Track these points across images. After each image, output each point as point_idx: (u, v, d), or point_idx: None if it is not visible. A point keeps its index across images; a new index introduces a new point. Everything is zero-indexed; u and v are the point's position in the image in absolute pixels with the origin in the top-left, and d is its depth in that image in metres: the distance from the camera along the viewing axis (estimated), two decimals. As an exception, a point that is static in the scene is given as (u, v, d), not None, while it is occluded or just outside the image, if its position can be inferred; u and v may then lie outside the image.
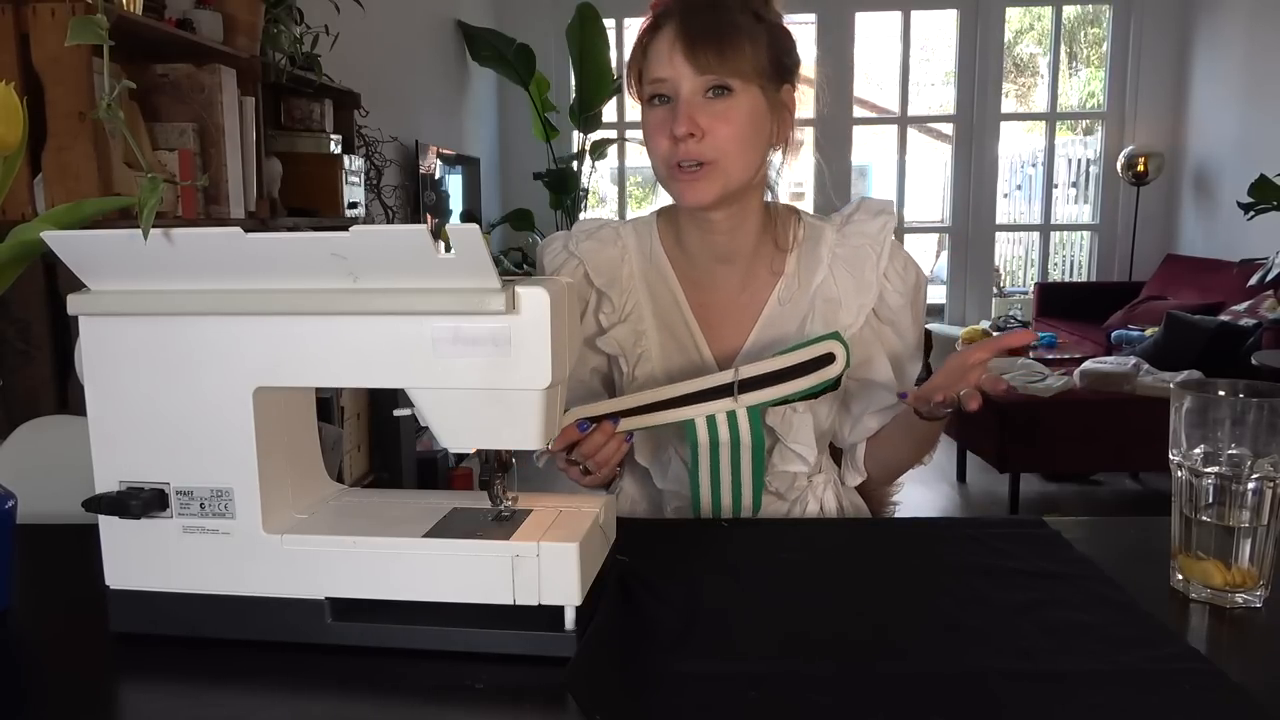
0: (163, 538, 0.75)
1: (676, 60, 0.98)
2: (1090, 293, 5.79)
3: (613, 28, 5.43)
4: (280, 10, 2.66)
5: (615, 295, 1.11)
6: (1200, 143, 5.64)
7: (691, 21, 0.98)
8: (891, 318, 1.12)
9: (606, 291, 1.11)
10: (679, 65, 0.98)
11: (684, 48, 0.97)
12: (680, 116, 0.97)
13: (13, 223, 0.81)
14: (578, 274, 1.11)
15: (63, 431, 1.25)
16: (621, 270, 1.12)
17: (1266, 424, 0.77)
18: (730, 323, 1.12)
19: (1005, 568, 0.88)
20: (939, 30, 7.34)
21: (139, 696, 0.72)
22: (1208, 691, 0.66)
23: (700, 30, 0.97)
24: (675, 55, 0.98)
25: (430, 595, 0.73)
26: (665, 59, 0.98)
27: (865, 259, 1.09)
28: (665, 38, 0.99)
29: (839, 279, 1.10)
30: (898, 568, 0.90)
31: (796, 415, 1.09)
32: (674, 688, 0.67)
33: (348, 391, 2.47)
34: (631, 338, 1.11)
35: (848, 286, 1.09)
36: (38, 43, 1.79)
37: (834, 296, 1.09)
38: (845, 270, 1.10)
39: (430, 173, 4.33)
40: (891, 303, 1.11)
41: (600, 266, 1.12)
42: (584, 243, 1.12)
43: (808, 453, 1.11)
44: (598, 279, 1.11)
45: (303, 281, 0.70)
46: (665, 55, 0.98)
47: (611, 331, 1.10)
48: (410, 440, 2.80)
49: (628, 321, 1.11)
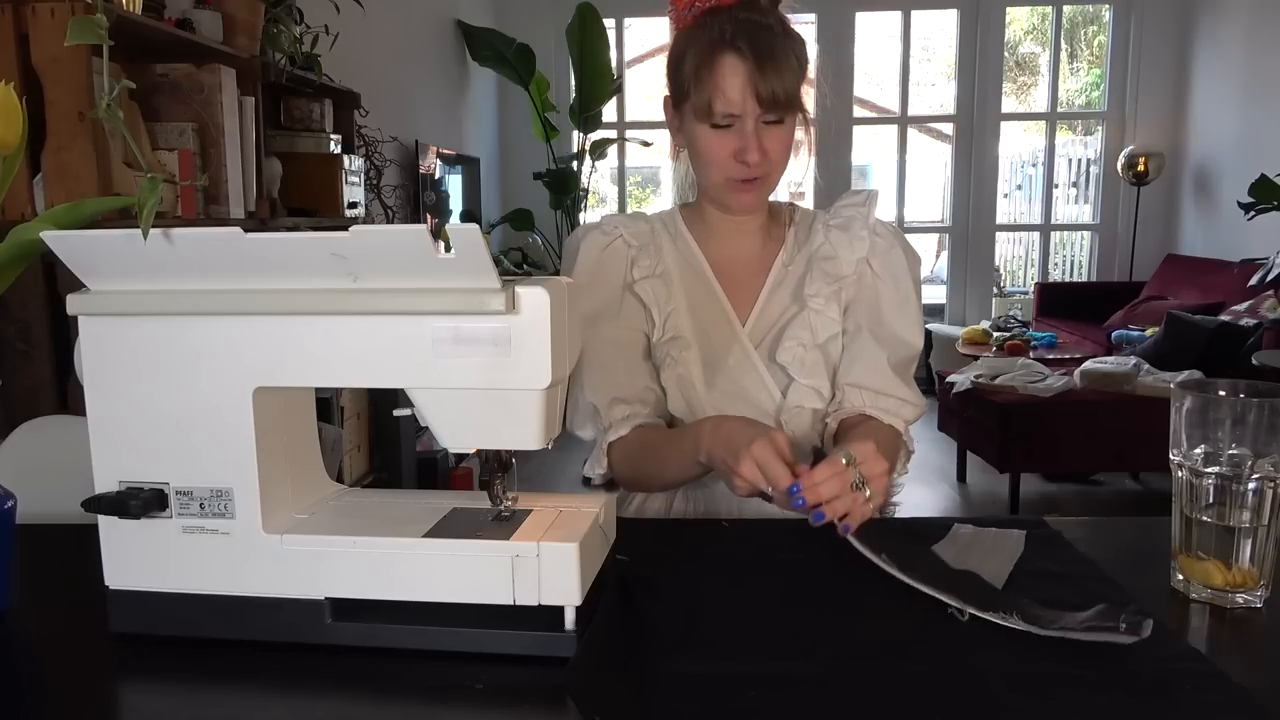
0: (162, 538, 0.75)
1: (749, 98, 1.07)
2: (1090, 293, 5.79)
3: (613, 28, 5.42)
4: (280, 10, 2.66)
5: (649, 256, 1.22)
6: (1200, 143, 5.64)
7: (760, 59, 1.06)
8: (885, 269, 1.21)
9: (642, 250, 1.22)
10: (749, 101, 1.08)
11: (756, 85, 1.07)
12: (751, 146, 1.09)
13: (13, 223, 0.81)
14: (618, 243, 1.22)
15: (63, 431, 1.25)
16: (651, 241, 1.24)
17: (1267, 424, 0.77)
18: (745, 284, 1.24)
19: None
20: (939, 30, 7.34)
21: (139, 696, 0.72)
22: (1209, 692, 0.66)
23: (768, 67, 1.06)
24: (748, 94, 1.07)
25: (430, 595, 0.73)
26: (738, 95, 1.07)
27: (854, 220, 1.22)
28: (734, 70, 1.07)
29: (834, 240, 1.22)
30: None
31: (808, 352, 1.17)
32: (674, 688, 0.67)
33: (348, 391, 2.47)
34: (664, 291, 1.21)
35: (841, 242, 1.21)
36: (37, 43, 1.78)
37: (830, 254, 1.21)
38: (838, 232, 1.22)
39: (430, 173, 4.33)
40: (881, 253, 1.21)
41: (635, 234, 1.24)
42: (616, 219, 1.25)
43: (823, 387, 1.18)
44: (634, 242, 1.23)
45: (303, 281, 0.70)
46: (738, 90, 1.07)
47: (646, 281, 1.21)
48: (410, 440, 2.79)
49: (659, 277, 1.22)
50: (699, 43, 1.09)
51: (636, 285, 1.20)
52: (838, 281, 1.19)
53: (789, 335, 1.18)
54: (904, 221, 6.38)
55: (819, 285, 1.19)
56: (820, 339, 1.17)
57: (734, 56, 1.07)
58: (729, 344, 1.20)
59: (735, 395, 1.19)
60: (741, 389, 1.19)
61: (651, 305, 1.20)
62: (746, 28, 1.07)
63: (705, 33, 1.09)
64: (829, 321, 1.18)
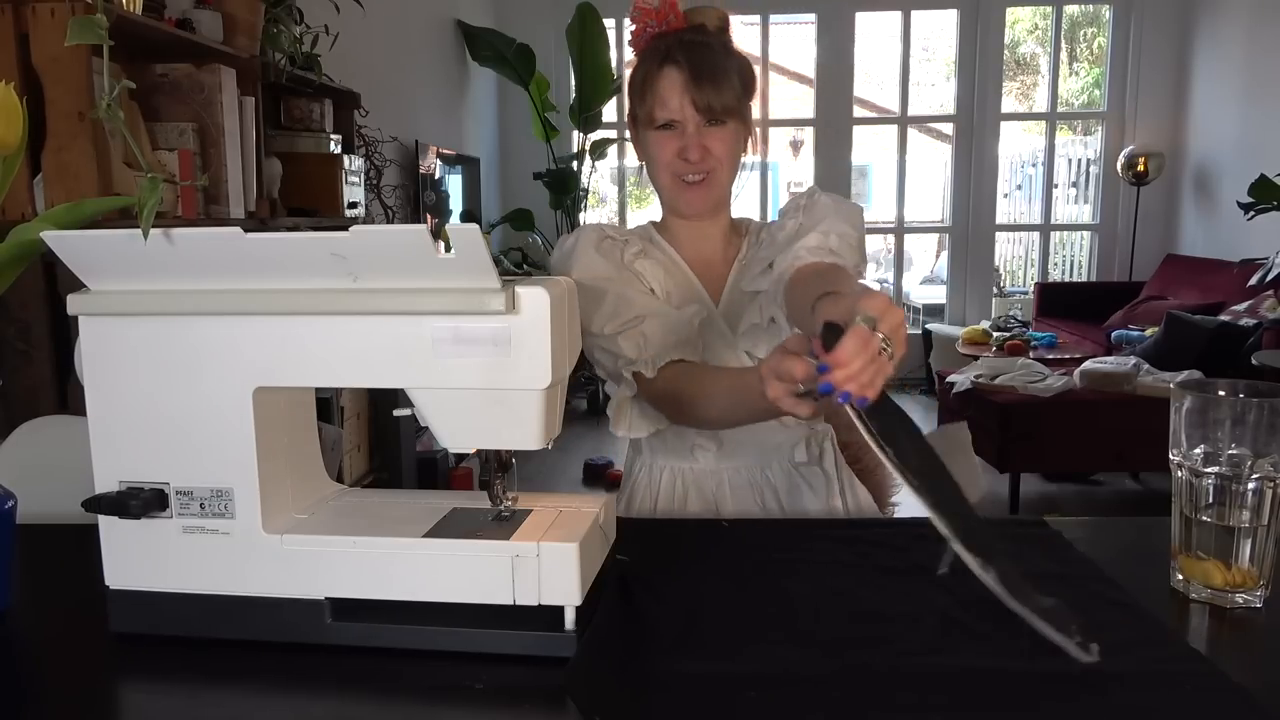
0: (163, 538, 0.75)
1: (686, 105, 1.18)
2: (1090, 293, 5.79)
3: (612, 28, 5.42)
4: (280, 10, 2.66)
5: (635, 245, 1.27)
6: (1200, 143, 5.64)
7: (698, 72, 1.17)
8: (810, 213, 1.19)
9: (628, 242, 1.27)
10: (688, 109, 1.18)
11: (692, 95, 1.17)
12: (692, 145, 1.19)
13: (13, 223, 0.81)
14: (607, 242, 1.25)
15: (63, 431, 1.25)
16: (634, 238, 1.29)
17: (1266, 424, 0.77)
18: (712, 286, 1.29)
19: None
20: (939, 30, 7.34)
21: (139, 696, 0.72)
22: (1208, 692, 0.66)
23: (705, 80, 1.17)
24: (685, 102, 1.18)
25: (430, 595, 0.73)
26: (676, 102, 1.18)
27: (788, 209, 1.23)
28: (673, 81, 1.18)
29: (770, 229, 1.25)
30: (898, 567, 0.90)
31: (763, 331, 1.19)
32: (674, 688, 0.67)
33: (348, 391, 2.47)
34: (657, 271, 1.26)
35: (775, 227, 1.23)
36: (37, 42, 1.78)
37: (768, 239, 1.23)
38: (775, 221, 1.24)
39: (430, 173, 4.33)
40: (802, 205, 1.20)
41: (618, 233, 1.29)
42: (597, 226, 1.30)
43: None
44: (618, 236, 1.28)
45: (303, 281, 0.70)
46: (676, 99, 1.18)
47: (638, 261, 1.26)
48: (410, 440, 2.80)
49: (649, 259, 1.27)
50: (647, 61, 1.21)
51: (634, 263, 1.25)
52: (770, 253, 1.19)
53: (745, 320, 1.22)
54: (904, 221, 6.38)
55: (754, 269, 1.22)
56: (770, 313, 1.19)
57: (673, 69, 1.17)
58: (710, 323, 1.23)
59: None
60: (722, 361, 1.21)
61: (650, 279, 1.25)
62: (687, 46, 1.18)
63: (653, 52, 1.20)
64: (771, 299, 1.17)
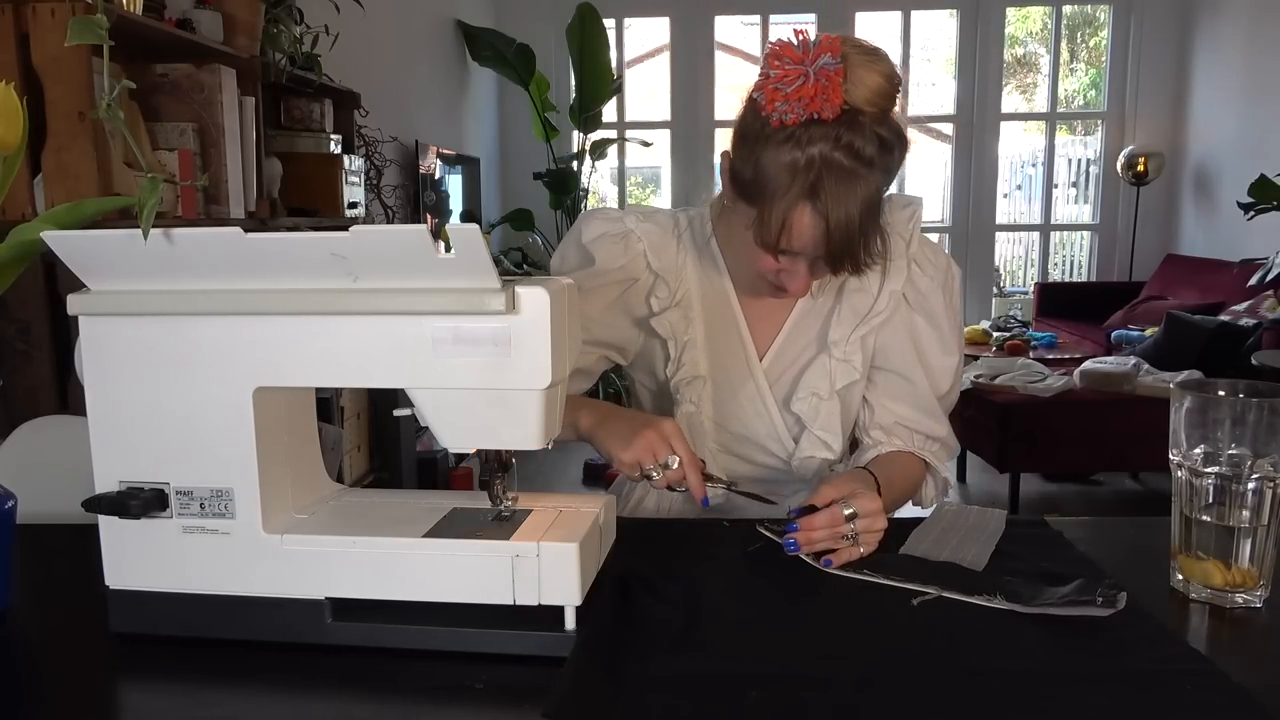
0: (162, 538, 0.75)
1: (818, 262, 1.00)
2: (1090, 293, 5.79)
3: (613, 28, 5.42)
4: (280, 10, 2.66)
5: (670, 280, 1.14)
6: (1200, 143, 5.63)
7: (838, 228, 0.95)
8: (923, 303, 1.12)
9: (663, 276, 1.14)
10: (819, 265, 1.00)
11: (828, 257, 0.98)
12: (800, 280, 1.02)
13: (13, 223, 0.81)
14: (635, 249, 1.14)
15: (63, 431, 1.25)
16: (677, 258, 1.16)
17: (1266, 424, 0.77)
18: (769, 316, 1.16)
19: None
20: (939, 30, 7.33)
21: (139, 696, 0.72)
22: (1208, 692, 0.66)
23: (844, 254, 0.97)
24: (818, 258, 0.99)
25: (430, 595, 0.73)
26: (809, 248, 0.98)
27: (894, 246, 1.07)
28: (812, 229, 0.96)
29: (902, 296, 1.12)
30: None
31: (824, 403, 1.12)
32: (674, 688, 0.67)
33: (348, 391, 2.47)
34: (683, 323, 1.14)
35: (875, 273, 1.08)
36: (37, 42, 1.78)
37: (863, 286, 1.11)
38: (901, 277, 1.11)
39: (430, 173, 4.33)
40: (921, 286, 1.12)
41: (659, 250, 1.15)
42: (644, 224, 1.15)
43: (833, 440, 1.14)
44: (655, 262, 1.14)
45: (303, 281, 0.70)
46: (810, 246, 0.98)
47: (664, 314, 1.14)
48: (410, 440, 2.79)
49: (679, 306, 1.14)
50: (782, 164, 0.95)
51: (655, 320, 1.14)
52: (866, 323, 1.11)
53: (804, 385, 1.12)
54: (904, 221, 6.36)
55: (845, 328, 1.11)
56: (838, 385, 1.12)
57: (814, 215, 0.95)
58: (744, 381, 1.15)
59: (745, 439, 1.17)
60: (752, 433, 1.16)
61: (669, 339, 1.14)
62: (837, 173, 0.93)
63: (792, 151, 0.94)
64: (849, 369, 1.12)
